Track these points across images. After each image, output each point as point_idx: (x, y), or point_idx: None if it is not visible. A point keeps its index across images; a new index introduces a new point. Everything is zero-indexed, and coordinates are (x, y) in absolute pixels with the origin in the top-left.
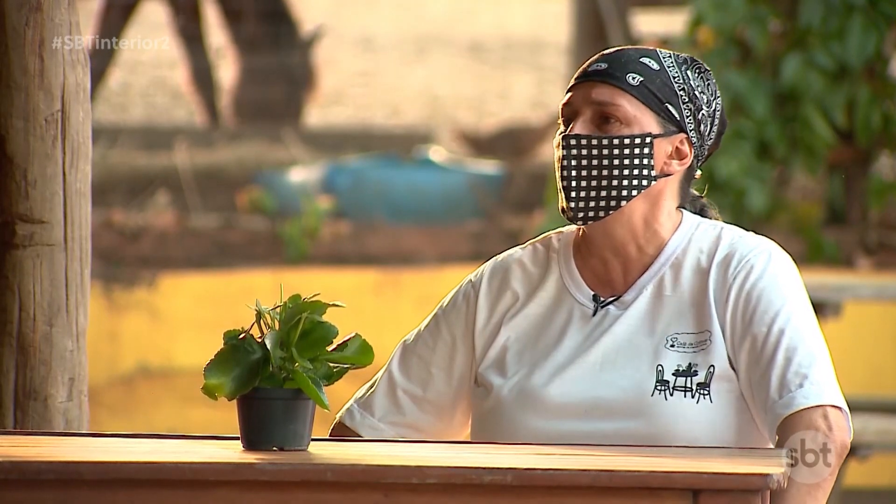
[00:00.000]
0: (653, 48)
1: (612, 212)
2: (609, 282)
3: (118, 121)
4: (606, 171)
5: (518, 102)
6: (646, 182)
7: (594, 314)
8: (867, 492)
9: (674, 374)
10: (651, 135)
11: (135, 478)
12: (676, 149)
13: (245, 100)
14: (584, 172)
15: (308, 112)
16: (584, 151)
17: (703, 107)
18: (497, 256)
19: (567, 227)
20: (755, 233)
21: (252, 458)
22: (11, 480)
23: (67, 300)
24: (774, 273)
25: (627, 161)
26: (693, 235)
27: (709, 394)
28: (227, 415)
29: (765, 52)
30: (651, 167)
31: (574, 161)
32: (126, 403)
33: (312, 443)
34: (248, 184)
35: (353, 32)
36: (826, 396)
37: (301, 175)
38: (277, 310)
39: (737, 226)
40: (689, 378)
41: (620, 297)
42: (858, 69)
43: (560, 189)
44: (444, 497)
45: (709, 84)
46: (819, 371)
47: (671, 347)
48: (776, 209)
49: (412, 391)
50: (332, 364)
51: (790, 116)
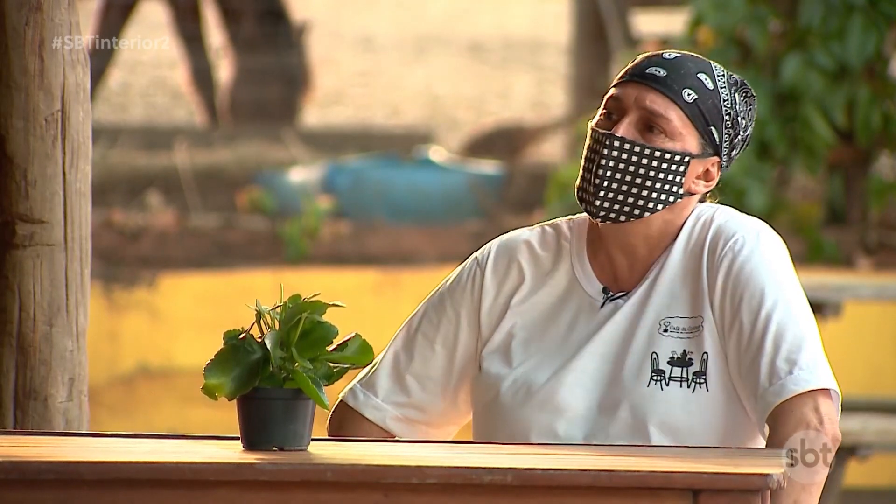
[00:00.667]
0: (709, 62)
1: (633, 219)
2: (616, 278)
3: (118, 121)
4: (639, 180)
5: (518, 102)
6: (672, 198)
7: (602, 307)
8: (867, 492)
9: (669, 364)
10: (690, 154)
11: (135, 478)
12: (706, 170)
13: (241, 99)
14: (619, 175)
15: (308, 112)
16: (624, 155)
17: (741, 132)
18: (503, 235)
19: (578, 215)
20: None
21: (252, 458)
22: (11, 480)
23: (67, 300)
24: (761, 254)
25: (662, 175)
26: (688, 220)
27: (705, 382)
28: (227, 415)
29: (765, 52)
30: (680, 185)
31: (612, 162)
32: (126, 403)
33: (312, 443)
34: (248, 184)
35: (353, 32)
36: (815, 380)
37: (301, 175)
38: (277, 310)
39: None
40: (685, 368)
41: (629, 292)
42: (858, 69)
43: (588, 180)
44: (444, 497)
45: (750, 110)
46: (808, 354)
47: (664, 332)
48: (776, 209)
49: (416, 370)
50: (332, 364)
51: (790, 116)
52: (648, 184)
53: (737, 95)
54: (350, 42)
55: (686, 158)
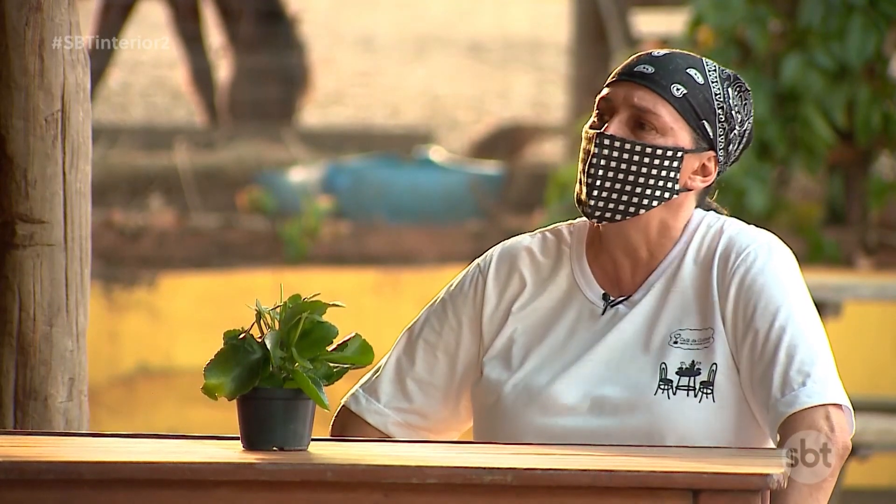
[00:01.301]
0: (699, 58)
1: (630, 217)
2: (618, 281)
3: (118, 121)
4: (632, 177)
5: (518, 102)
6: (668, 195)
7: (603, 313)
8: (867, 492)
9: (677, 374)
10: (683, 149)
11: (135, 478)
12: (703, 165)
13: (241, 99)
14: (611, 174)
15: (307, 112)
16: (616, 153)
17: (737, 126)
18: (505, 242)
19: (578, 220)
20: (757, 226)
21: (252, 458)
22: (11, 480)
23: (67, 300)
24: (774, 267)
25: (655, 171)
26: (698, 230)
27: (712, 393)
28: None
29: (765, 52)
30: (676, 181)
31: (603, 160)
32: (126, 403)
33: (312, 443)
34: (248, 184)
35: (353, 32)
36: (829, 395)
37: (301, 175)
38: (277, 310)
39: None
40: (693, 377)
41: (630, 297)
42: (858, 69)
43: (582, 182)
44: (444, 497)
45: (746, 104)
46: (821, 368)
47: (675, 344)
48: (776, 209)
49: (418, 376)
50: (332, 364)
51: (790, 116)
52: (642, 180)
53: (730, 90)
54: (350, 42)
55: (679, 153)
